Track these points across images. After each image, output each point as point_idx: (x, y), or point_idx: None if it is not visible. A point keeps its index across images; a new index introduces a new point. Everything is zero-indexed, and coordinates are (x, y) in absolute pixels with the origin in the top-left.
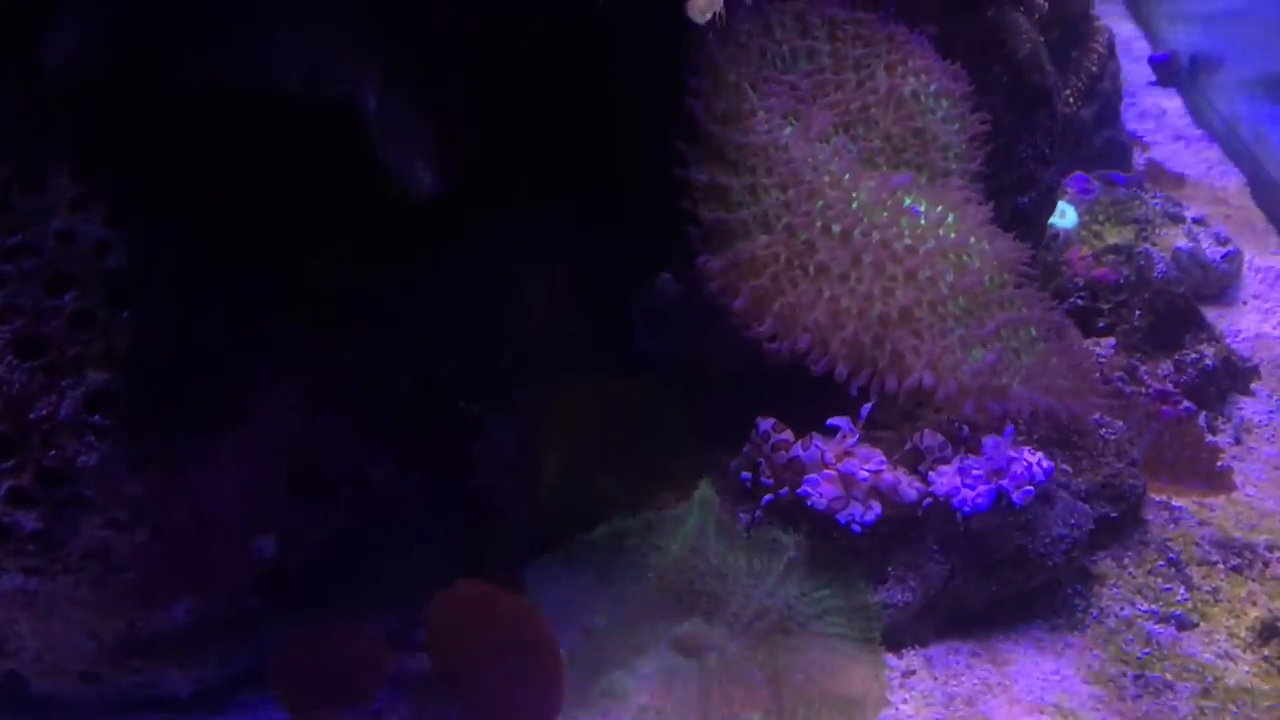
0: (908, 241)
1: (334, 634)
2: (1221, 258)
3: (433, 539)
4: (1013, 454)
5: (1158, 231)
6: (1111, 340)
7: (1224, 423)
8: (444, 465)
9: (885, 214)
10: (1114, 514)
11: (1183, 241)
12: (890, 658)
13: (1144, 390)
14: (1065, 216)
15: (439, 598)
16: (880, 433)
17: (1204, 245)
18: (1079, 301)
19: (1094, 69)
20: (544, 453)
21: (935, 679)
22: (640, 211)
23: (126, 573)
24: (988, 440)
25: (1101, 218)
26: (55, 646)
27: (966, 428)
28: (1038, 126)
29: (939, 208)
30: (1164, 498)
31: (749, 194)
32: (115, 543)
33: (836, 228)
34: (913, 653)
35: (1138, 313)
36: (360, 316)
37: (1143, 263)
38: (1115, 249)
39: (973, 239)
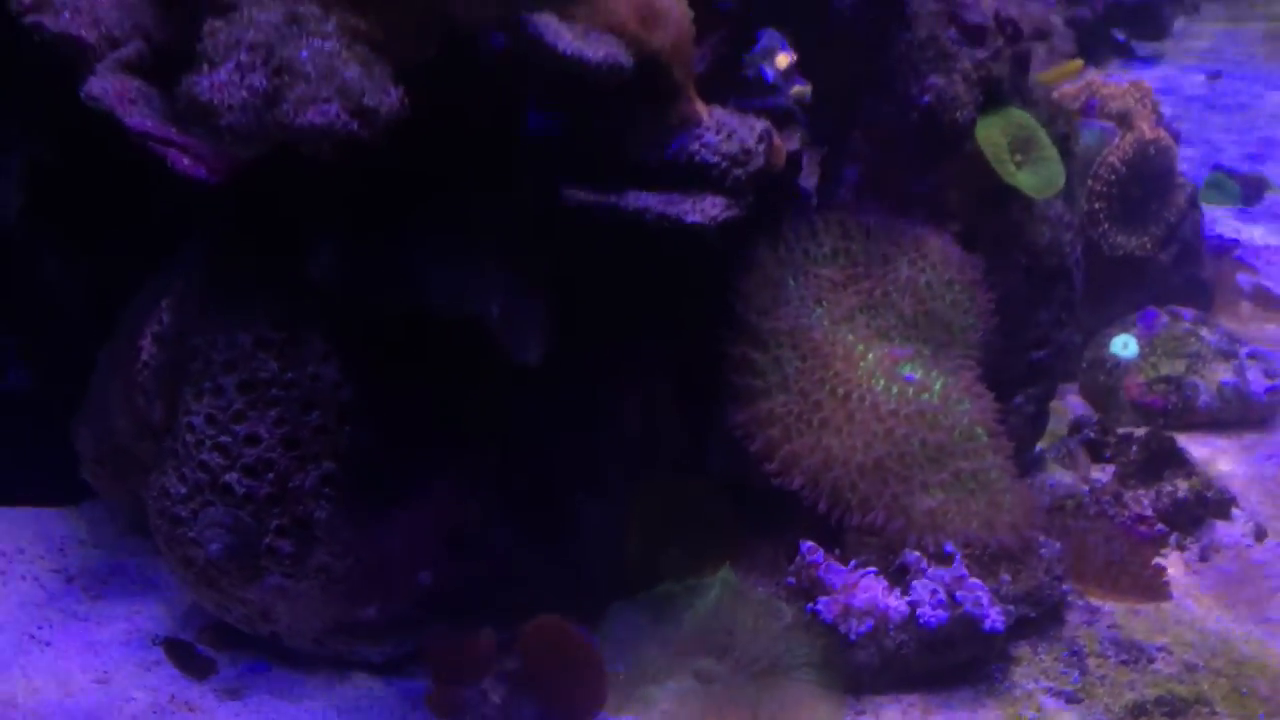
0: (893, 405)
1: (463, 637)
2: (1265, 391)
3: (538, 584)
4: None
5: (1208, 366)
6: (1113, 468)
7: (1192, 542)
8: (551, 535)
9: (883, 380)
10: (1033, 614)
11: (1228, 376)
12: (851, 700)
13: (1125, 513)
14: (1128, 348)
15: (529, 624)
16: (869, 538)
17: (1249, 379)
18: (1090, 435)
19: (1173, 220)
20: (628, 530)
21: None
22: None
23: (340, 585)
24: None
25: (1160, 351)
26: (298, 621)
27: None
28: (1056, 297)
29: (933, 374)
30: (1099, 603)
31: (773, 364)
32: (334, 566)
33: (840, 391)
34: (869, 699)
35: (1134, 448)
36: (494, 434)
37: (1189, 393)
38: (1166, 380)
39: (953, 400)
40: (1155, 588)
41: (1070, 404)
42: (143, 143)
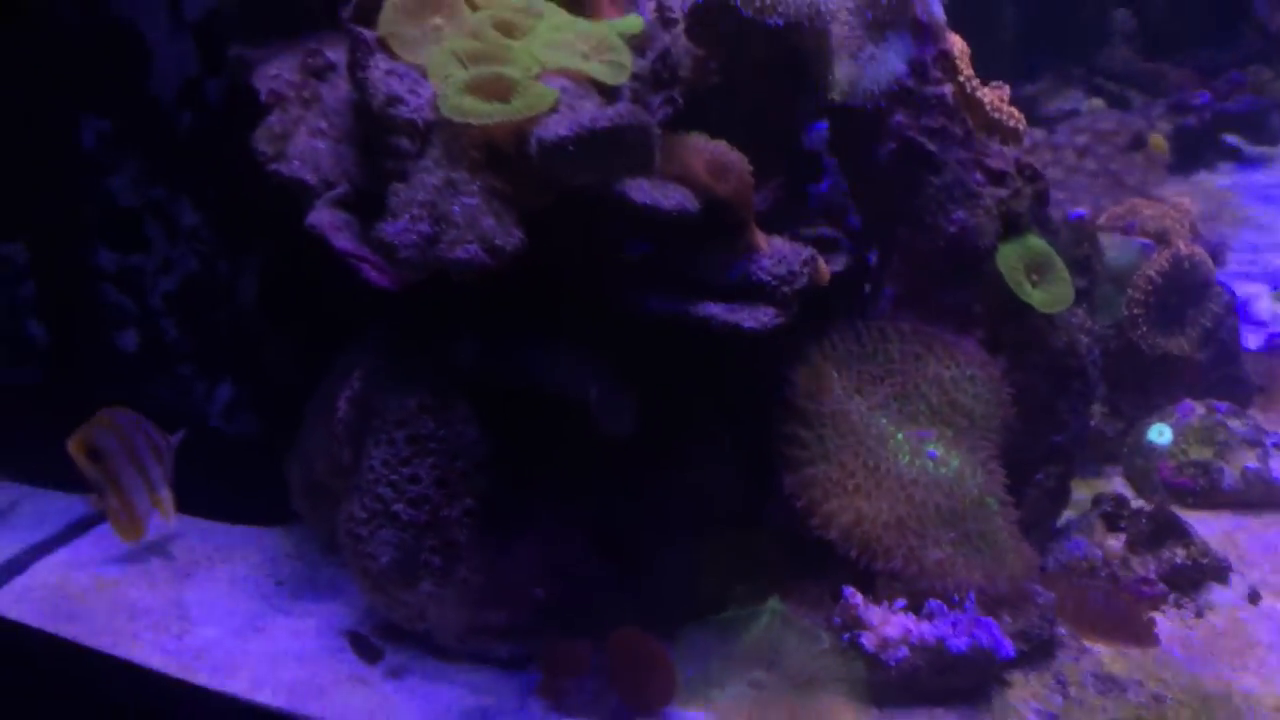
0: (914, 476)
1: (567, 642)
2: None
3: (625, 606)
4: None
5: (1235, 453)
6: (1124, 536)
7: (1188, 602)
8: (635, 569)
9: (908, 456)
10: (1025, 649)
11: (1252, 462)
12: (875, 710)
13: (1131, 574)
14: (1163, 436)
15: (616, 633)
16: (896, 584)
17: (1271, 466)
18: (1108, 508)
19: (1209, 325)
20: (699, 568)
21: None
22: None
23: (475, 594)
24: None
25: (1191, 439)
26: (444, 622)
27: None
28: (1073, 391)
29: (952, 453)
30: (1091, 645)
31: (817, 440)
32: (471, 579)
33: (871, 463)
34: (890, 710)
35: (1144, 520)
36: (589, 487)
37: (1215, 476)
38: (1195, 464)
39: (967, 475)
40: (1144, 635)
41: (1115, 484)
42: (345, 259)
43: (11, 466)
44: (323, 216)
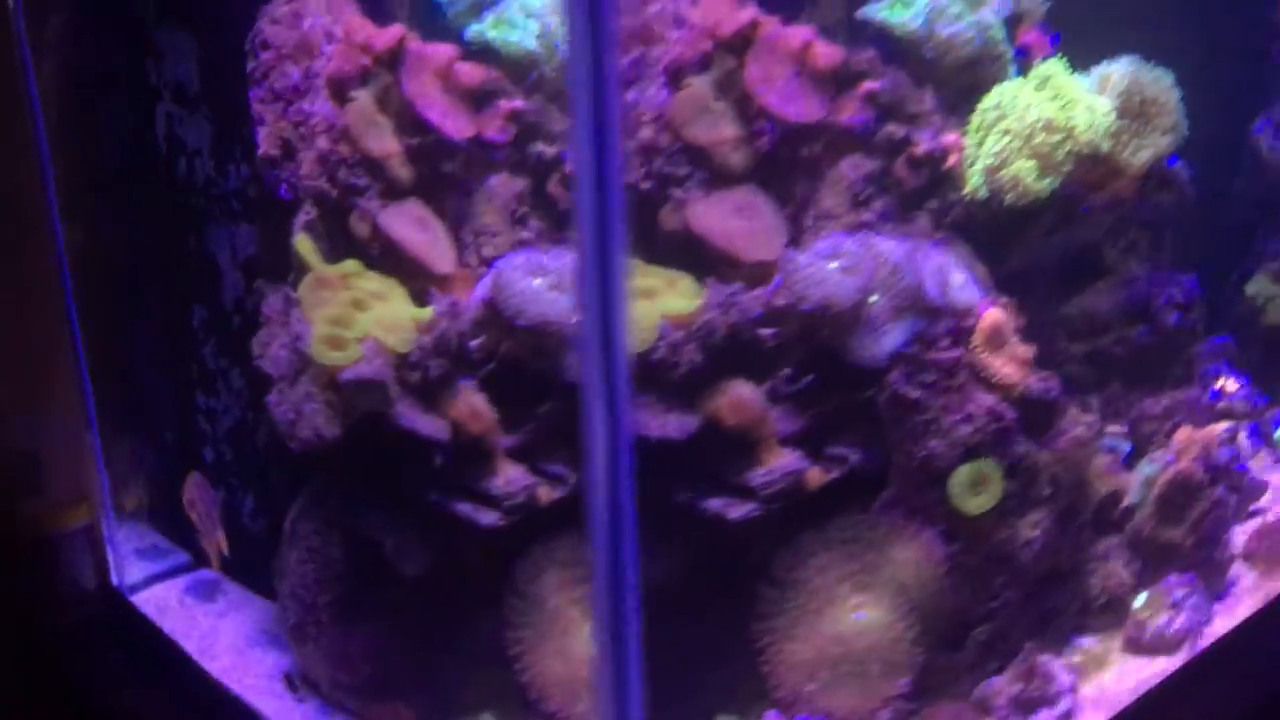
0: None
1: (379, 702)
2: None
3: (423, 688)
4: None
5: None
6: None
7: None
8: (433, 666)
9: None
10: None
11: None
12: None
13: None
14: None
15: (384, 705)
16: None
17: None
18: None
19: None
20: (465, 676)
21: None
22: None
23: (331, 659)
24: None
25: None
26: (320, 675)
27: None
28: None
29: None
30: None
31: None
32: (330, 648)
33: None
34: None
35: None
36: (409, 607)
37: None
38: None
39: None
40: None
41: None
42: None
43: (153, 522)
44: (272, 399)
